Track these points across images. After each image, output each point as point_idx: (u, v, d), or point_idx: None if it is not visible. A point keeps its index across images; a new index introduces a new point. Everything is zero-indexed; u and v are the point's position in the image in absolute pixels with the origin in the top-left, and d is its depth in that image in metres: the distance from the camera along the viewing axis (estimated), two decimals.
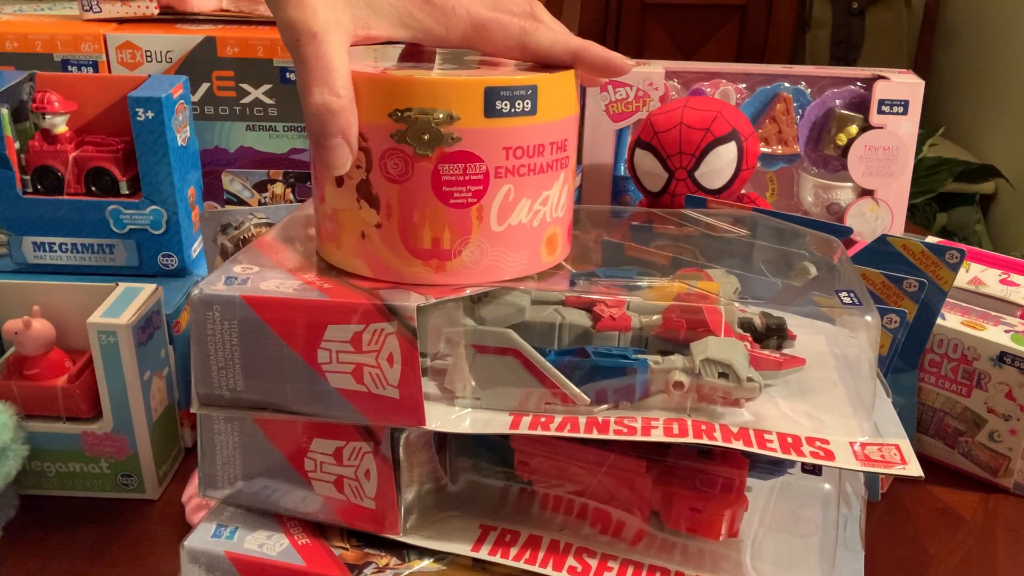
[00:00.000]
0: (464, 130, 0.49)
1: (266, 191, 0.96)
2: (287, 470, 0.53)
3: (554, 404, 0.51)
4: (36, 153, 0.79)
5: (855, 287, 0.55)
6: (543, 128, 0.51)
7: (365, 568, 0.50)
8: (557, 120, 0.52)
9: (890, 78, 0.99)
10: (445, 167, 0.50)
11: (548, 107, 0.51)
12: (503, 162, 0.50)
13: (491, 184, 0.51)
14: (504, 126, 0.50)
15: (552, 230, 0.54)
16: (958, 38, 2.82)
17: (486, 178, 0.50)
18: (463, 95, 0.49)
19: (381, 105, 0.49)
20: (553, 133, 0.52)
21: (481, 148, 0.50)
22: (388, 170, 0.50)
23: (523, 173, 0.51)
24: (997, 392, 0.74)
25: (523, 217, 0.52)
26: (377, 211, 0.51)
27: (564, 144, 0.53)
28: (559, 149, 0.53)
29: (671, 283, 0.57)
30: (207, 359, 0.51)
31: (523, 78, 0.50)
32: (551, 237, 0.54)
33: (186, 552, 0.52)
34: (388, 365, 0.49)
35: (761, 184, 1.06)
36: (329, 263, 0.55)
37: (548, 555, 0.51)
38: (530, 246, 0.53)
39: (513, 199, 0.51)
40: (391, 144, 0.50)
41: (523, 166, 0.51)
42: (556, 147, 0.53)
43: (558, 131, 0.52)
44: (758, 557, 0.52)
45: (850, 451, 0.48)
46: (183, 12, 0.94)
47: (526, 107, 0.50)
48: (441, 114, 0.49)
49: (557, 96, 0.52)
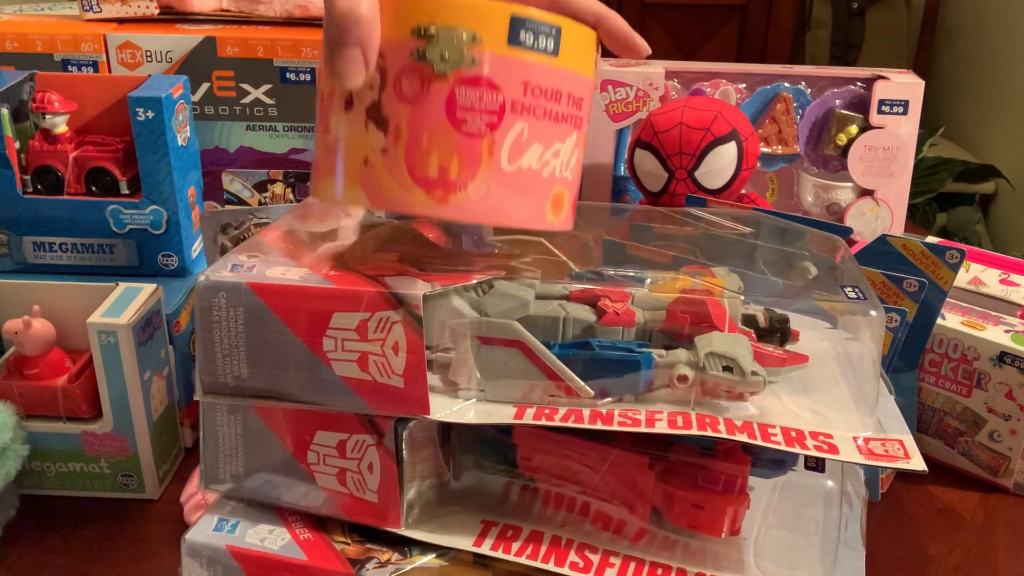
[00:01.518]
0: (486, 54, 0.48)
1: (266, 191, 0.96)
2: (289, 463, 0.53)
3: (558, 397, 0.51)
4: (36, 153, 0.79)
5: (859, 284, 0.55)
6: (563, 74, 0.50)
7: (367, 563, 0.50)
8: (576, 72, 0.51)
9: (890, 78, 0.99)
10: (462, 91, 0.48)
11: (569, 54, 0.50)
12: (520, 97, 0.49)
13: (506, 118, 0.49)
14: (525, 59, 0.48)
15: (560, 188, 0.52)
16: (958, 38, 2.82)
17: (501, 110, 0.48)
18: (488, 18, 0.47)
19: (404, 21, 0.47)
20: (572, 84, 0.51)
21: (500, 77, 0.48)
22: (402, 89, 0.48)
23: (539, 115, 0.50)
24: (997, 392, 0.74)
25: (533, 162, 0.50)
26: (385, 134, 0.49)
27: (580, 103, 0.52)
28: (575, 105, 0.51)
29: (676, 278, 0.57)
30: (212, 346, 0.51)
31: (549, 16, 0.49)
32: (558, 195, 0.52)
33: (187, 546, 0.52)
34: (393, 354, 0.49)
35: (761, 184, 1.06)
36: (324, 202, 0.53)
37: (550, 551, 0.51)
38: (537, 195, 0.51)
39: (526, 140, 0.50)
40: (409, 62, 0.48)
41: (540, 108, 0.49)
42: (573, 101, 0.51)
43: (576, 85, 0.51)
44: (760, 555, 0.52)
45: (853, 445, 0.48)
46: (183, 12, 0.94)
47: (548, 46, 0.49)
48: (464, 33, 0.47)
49: (579, 47, 0.50)
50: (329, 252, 0.56)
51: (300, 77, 0.91)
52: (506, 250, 0.63)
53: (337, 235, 0.61)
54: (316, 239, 0.58)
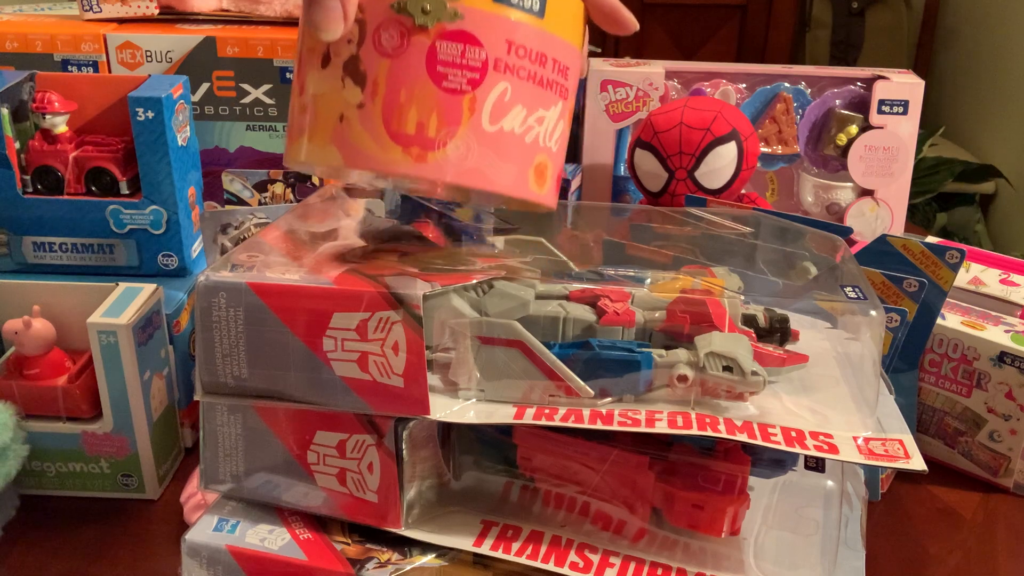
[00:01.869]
0: (469, 8, 0.46)
1: (266, 191, 0.96)
2: (289, 463, 0.53)
3: (558, 397, 0.51)
4: (36, 153, 0.79)
5: (859, 284, 0.55)
6: (549, 37, 0.48)
7: (367, 563, 0.50)
8: (563, 39, 0.49)
9: (890, 78, 0.99)
10: (443, 45, 0.46)
11: (556, 18, 0.49)
12: (504, 56, 0.47)
13: (488, 76, 0.47)
14: (510, 16, 0.47)
15: (543, 158, 0.51)
16: (958, 38, 2.82)
17: (484, 67, 0.47)
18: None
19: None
20: (558, 49, 0.49)
21: (483, 32, 0.47)
22: (381, 43, 0.47)
23: (523, 76, 0.48)
24: (997, 392, 0.74)
25: (516, 126, 0.49)
26: (362, 89, 0.47)
27: (566, 72, 0.50)
28: (560, 72, 0.50)
29: (676, 278, 0.57)
30: (212, 346, 0.51)
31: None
32: (541, 165, 0.51)
33: (187, 546, 0.52)
34: (393, 354, 0.49)
35: (761, 184, 1.06)
36: (296, 165, 0.51)
37: (550, 551, 0.51)
38: (519, 161, 0.50)
39: (509, 100, 0.48)
40: (389, 14, 0.46)
41: (523, 69, 0.48)
42: (558, 68, 0.50)
43: (563, 51, 0.50)
44: (760, 555, 0.52)
45: (853, 445, 0.48)
46: (183, 12, 0.94)
47: (534, 5, 0.47)
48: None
49: (565, 13, 0.49)
50: (329, 252, 0.56)
51: None
52: (506, 250, 0.63)
53: (337, 235, 0.61)
54: (316, 239, 0.58)
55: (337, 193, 0.67)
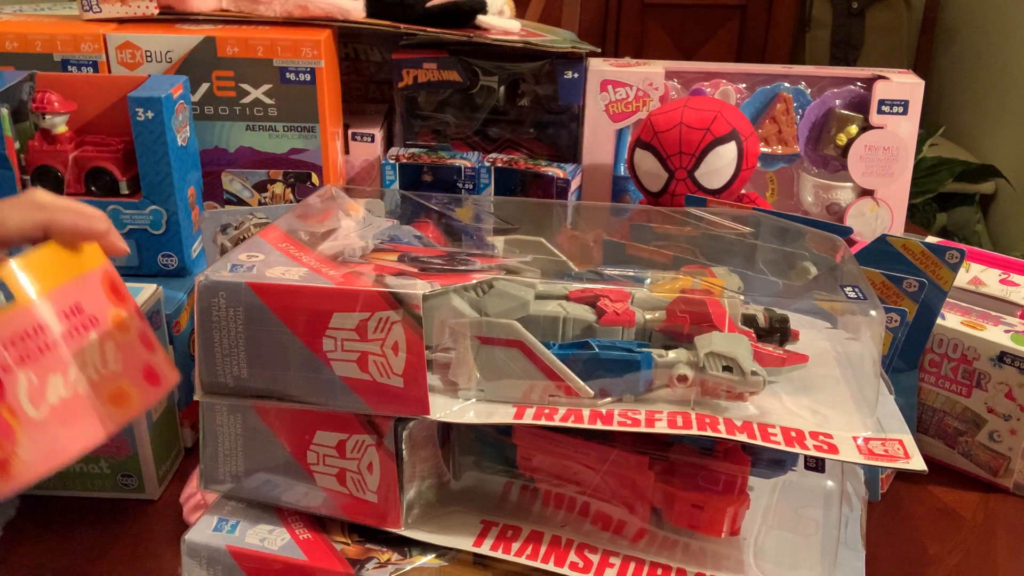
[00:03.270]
0: None
1: (266, 191, 0.96)
2: (289, 463, 0.53)
3: (558, 397, 0.51)
4: (36, 153, 0.79)
5: (859, 284, 0.55)
6: (29, 311, 0.48)
7: (366, 563, 0.50)
8: (52, 291, 0.49)
9: (890, 78, 0.99)
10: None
11: (24, 292, 0.48)
12: (3, 355, 0.47)
13: (4, 380, 0.47)
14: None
15: (114, 385, 0.51)
16: (958, 38, 2.82)
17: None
18: None
19: None
20: (45, 311, 0.49)
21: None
22: None
23: (34, 356, 0.48)
24: (997, 392, 0.74)
25: (63, 393, 0.48)
26: None
27: (76, 308, 0.50)
28: (71, 316, 0.50)
29: (676, 278, 0.57)
30: (211, 346, 0.51)
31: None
32: (115, 392, 0.51)
33: (187, 546, 0.52)
34: (393, 354, 0.49)
35: (761, 184, 1.06)
36: None
37: (550, 551, 0.51)
38: (87, 412, 0.49)
39: (39, 382, 0.48)
40: None
41: (30, 353, 0.48)
42: (65, 315, 0.49)
43: (59, 302, 0.49)
44: (760, 555, 0.52)
45: (853, 445, 0.48)
46: (183, 12, 0.94)
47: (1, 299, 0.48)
48: None
49: (33, 276, 0.49)
50: (329, 252, 0.56)
51: (300, 77, 0.91)
52: (506, 250, 0.63)
53: (337, 235, 0.61)
54: (316, 239, 0.58)
55: (337, 193, 0.67)
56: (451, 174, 0.99)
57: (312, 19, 0.95)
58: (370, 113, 1.09)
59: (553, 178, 0.98)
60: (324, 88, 0.92)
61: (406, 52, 1.01)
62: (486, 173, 0.98)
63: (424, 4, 0.98)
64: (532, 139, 1.04)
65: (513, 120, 1.03)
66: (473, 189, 0.99)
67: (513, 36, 0.98)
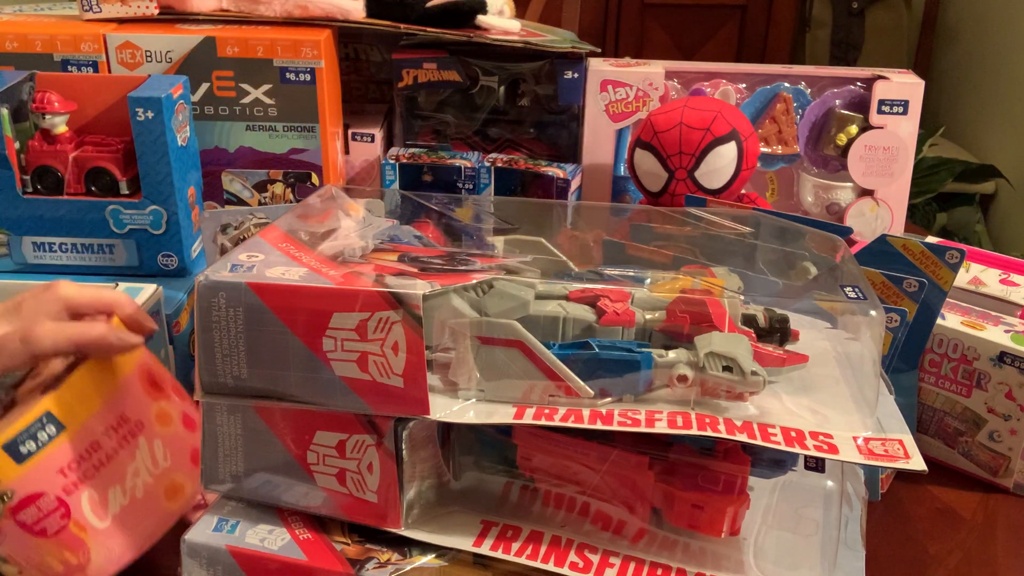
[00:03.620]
0: (13, 481, 0.51)
1: (266, 191, 0.96)
2: (289, 463, 0.53)
3: (558, 397, 0.51)
4: (36, 153, 0.79)
5: (859, 284, 0.55)
6: (81, 436, 0.53)
7: (366, 563, 0.50)
8: (97, 411, 0.54)
9: (890, 78, 0.99)
10: (21, 514, 0.52)
11: (74, 416, 0.53)
12: (63, 481, 0.53)
13: (69, 501, 0.53)
14: (40, 460, 0.52)
15: (168, 480, 0.57)
16: (958, 38, 2.82)
17: (60, 502, 0.52)
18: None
19: None
20: (94, 430, 0.54)
21: (34, 486, 0.52)
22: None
23: (89, 475, 0.54)
24: (997, 392, 0.74)
25: (123, 499, 0.55)
26: (9, 563, 0.53)
27: (122, 419, 0.55)
28: (119, 427, 0.55)
29: (676, 278, 0.57)
30: (211, 346, 0.51)
31: (34, 411, 0.52)
32: (170, 487, 0.57)
33: (187, 546, 0.52)
34: (393, 354, 0.49)
35: (761, 184, 1.06)
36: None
37: (550, 551, 0.51)
38: (149, 512, 0.56)
39: (100, 495, 0.54)
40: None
41: (85, 472, 0.53)
42: (113, 428, 0.55)
43: (105, 418, 0.55)
44: (760, 555, 0.52)
45: (853, 445, 0.48)
46: (183, 12, 0.94)
47: (51, 432, 0.52)
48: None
49: (77, 401, 0.54)
50: (329, 252, 0.56)
51: (300, 77, 0.91)
52: (506, 250, 0.63)
53: (337, 235, 0.61)
54: (316, 239, 0.58)
55: (337, 193, 0.67)
56: (451, 174, 0.99)
57: (312, 19, 0.95)
58: (370, 113, 1.09)
59: (553, 178, 0.98)
60: (324, 88, 0.92)
61: (406, 52, 1.01)
62: (486, 173, 0.98)
63: (424, 4, 0.98)
64: (532, 139, 1.04)
65: (513, 120, 1.03)
66: (473, 189, 0.99)
67: (513, 36, 0.98)
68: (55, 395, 0.53)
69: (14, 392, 0.57)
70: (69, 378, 0.54)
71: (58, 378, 0.55)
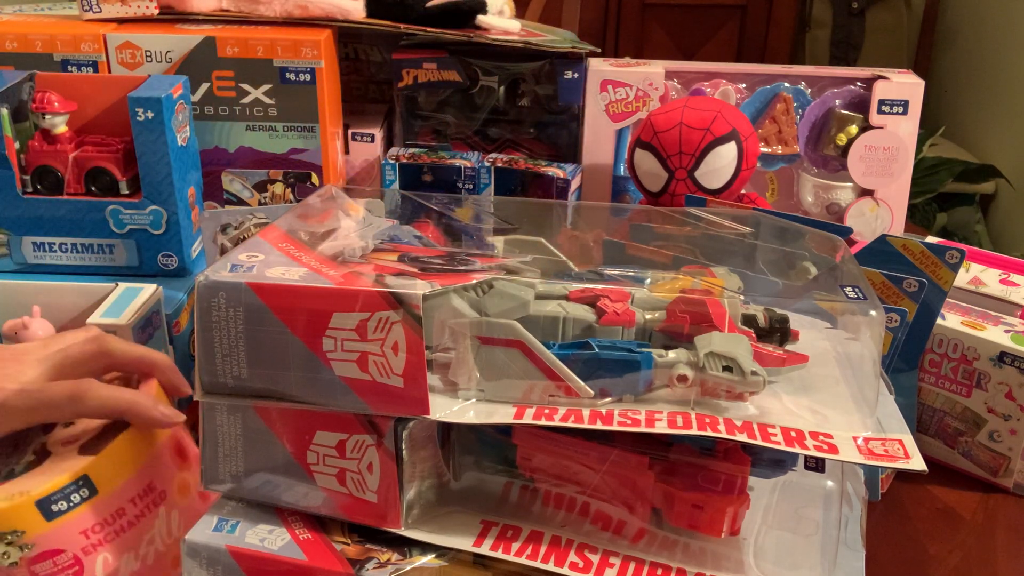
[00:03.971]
0: (37, 536, 0.52)
1: (266, 191, 0.96)
2: (289, 463, 0.53)
3: (558, 397, 0.51)
4: (36, 153, 0.79)
5: (859, 284, 0.55)
6: (110, 501, 0.54)
7: (366, 563, 0.50)
8: (129, 479, 0.55)
9: (890, 78, 0.99)
10: (37, 566, 0.52)
11: (107, 482, 0.54)
12: (84, 542, 0.53)
13: (85, 562, 0.53)
14: (67, 520, 0.52)
15: (177, 550, 0.56)
16: (958, 38, 2.82)
17: (76, 561, 0.53)
18: (19, 515, 0.51)
19: None
20: (123, 496, 0.54)
21: (56, 542, 0.52)
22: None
23: (111, 539, 0.54)
24: (997, 392, 0.74)
25: (134, 566, 0.55)
26: None
27: (149, 488, 0.56)
28: (145, 496, 0.56)
29: (676, 278, 0.57)
30: (211, 346, 0.51)
31: (72, 473, 0.52)
32: (177, 557, 0.56)
33: (187, 546, 0.52)
34: (393, 354, 0.49)
35: (761, 184, 1.06)
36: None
37: (550, 551, 0.51)
38: (163, 567, 0.57)
39: (114, 560, 0.54)
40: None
41: (108, 534, 0.54)
42: (140, 497, 0.55)
43: (135, 486, 0.55)
44: (760, 555, 0.52)
45: (853, 445, 0.48)
46: (183, 12, 0.94)
47: (84, 495, 0.53)
48: (9, 535, 0.51)
49: (113, 468, 0.54)
50: (329, 252, 0.56)
51: (300, 77, 0.91)
52: (506, 250, 0.63)
53: (337, 235, 0.61)
54: (316, 239, 0.58)
55: (337, 193, 0.67)
56: (451, 174, 0.99)
57: (312, 19, 0.95)
58: (370, 113, 1.08)
59: (553, 178, 0.98)
60: (324, 88, 0.92)
61: (406, 52, 1.01)
62: (486, 173, 0.98)
63: (424, 4, 0.98)
64: (532, 139, 1.04)
65: (513, 120, 1.03)
66: (473, 189, 0.99)
67: (513, 36, 0.98)
68: (95, 461, 0.53)
69: (44, 437, 0.57)
70: (110, 445, 0.54)
71: (96, 438, 0.55)
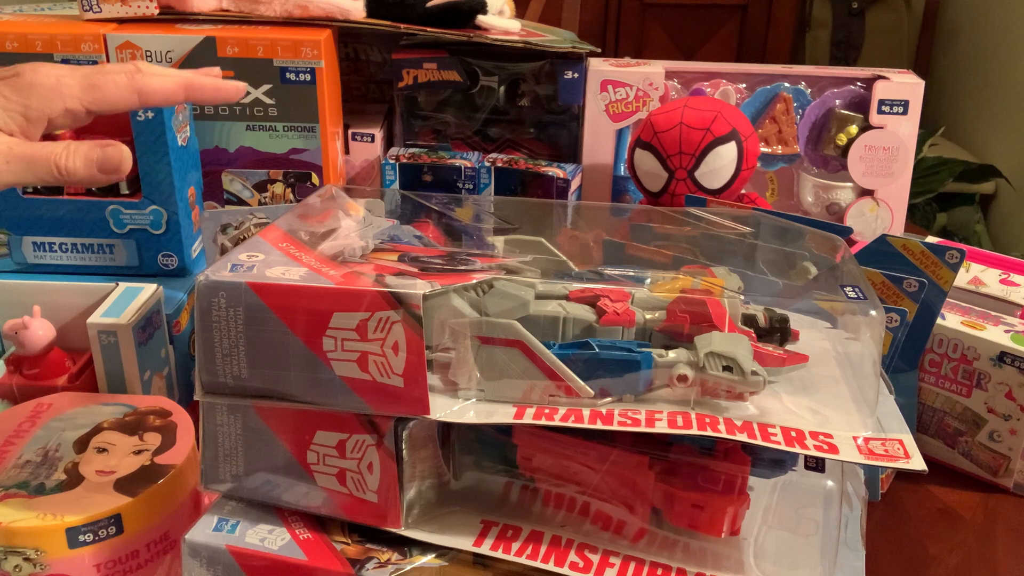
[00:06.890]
0: (56, 560, 0.53)
1: (266, 191, 0.96)
2: (289, 463, 0.53)
3: (558, 396, 0.51)
4: None
5: (859, 284, 0.55)
6: (129, 543, 0.55)
7: (366, 563, 0.50)
8: (151, 526, 0.56)
9: (890, 78, 0.99)
10: None
11: (134, 524, 0.55)
12: (96, 575, 0.54)
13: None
14: (87, 552, 0.53)
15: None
16: (958, 38, 2.82)
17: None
18: (46, 536, 0.52)
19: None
20: (141, 540, 0.55)
21: (69, 569, 0.53)
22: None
23: (127, 570, 0.55)
24: (997, 392, 0.74)
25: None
26: None
27: (164, 536, 0.57)
28: (159, 543, 0.57)
29: (676, 278, 0.57)
30: (211, 346, 0.51)
31: (107, 509, 0.53)
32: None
33: (187, 546, 0.52)
34: (393, 354, 0.49)
35: (761, 184, 1.06)
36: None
37: (550, 551, 0.51)
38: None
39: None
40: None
41: (117, 573, 0.55)
42: (155, 542, 0.56)
43: (152, 533, 0.56)
44: (760, 555, 0.52)
45: (853, 445, 0.48)
46: (183, 12, 0.94)
47: (110, 532, 0.54)
48: (30, 552, 0.53)
49: (144, 512, 0.55)
50: (329, 252, 0.56)
51: (300, 77, 0.91)
52: (506, 250, 0.63)
53: (337, 235, 0.61)
54: (316, 239, 0.58)
55: (337, 193, 0.67)
56: (451, 174, 0.99)
57: (312, 19, 0.95)
58: (370, 113, 1.09)
59: (553, 178, 0.98)
60: (324, 88, 0.92)
61: (406, 52, 1.01)
62: (486, 173, 0.98)
63: (424, 4, 0.98)
64: (532, 139, 1.04)
65: (513, 120, 1.03)
66: (473, 189, 0.99)
67: (513, 36, 0.98)
68: (131, 504, 0.54)
69: (76, 457, 0.58)
70: (147, 490, 0.55)
71: (130, 477, 0.56)
